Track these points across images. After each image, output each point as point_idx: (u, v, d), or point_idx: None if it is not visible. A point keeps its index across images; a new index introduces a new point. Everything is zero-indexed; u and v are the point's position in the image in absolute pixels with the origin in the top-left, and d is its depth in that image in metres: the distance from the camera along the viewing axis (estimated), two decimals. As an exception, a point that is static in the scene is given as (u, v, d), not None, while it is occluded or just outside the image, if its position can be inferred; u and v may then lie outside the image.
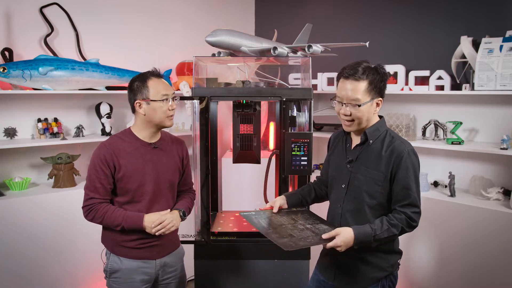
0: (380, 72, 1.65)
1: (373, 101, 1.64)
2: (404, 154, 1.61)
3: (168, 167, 1.93)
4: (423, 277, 2.77)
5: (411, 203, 1.61)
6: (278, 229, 1.70)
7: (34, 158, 2.91)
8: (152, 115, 1.84)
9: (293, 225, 1.73)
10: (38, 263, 2.60)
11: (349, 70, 1.64)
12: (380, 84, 1.64)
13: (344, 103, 1.65)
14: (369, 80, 1.62)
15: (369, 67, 1.64)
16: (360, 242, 1.57)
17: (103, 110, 3.08)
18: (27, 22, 2.85)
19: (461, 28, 2.91)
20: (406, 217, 1.60)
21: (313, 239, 1.61)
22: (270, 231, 1.68)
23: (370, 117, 1.67)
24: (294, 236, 1.63)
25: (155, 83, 1.84)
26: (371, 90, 1.63)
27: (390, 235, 1.58)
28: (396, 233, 1.59)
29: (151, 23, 3.48)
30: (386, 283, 1.71)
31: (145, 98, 1.83)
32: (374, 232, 1.57)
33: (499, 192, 2.61)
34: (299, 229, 1.69)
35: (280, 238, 1.61)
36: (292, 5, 3.95)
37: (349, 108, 1.64)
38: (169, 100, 1.86)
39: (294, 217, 1.80)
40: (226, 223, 2.56)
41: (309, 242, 1.59)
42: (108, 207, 1.80)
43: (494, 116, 2.79)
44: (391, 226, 1.58)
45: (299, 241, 1.58)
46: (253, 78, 3.21)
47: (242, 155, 2.45)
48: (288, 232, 1.66)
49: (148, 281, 1.90)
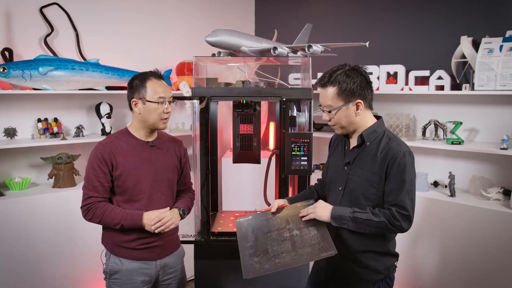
0: (350, 74, 1.63)
1: (348, 105, 1.64)
2: (399, 155, 1.59)
3: (165, 165, 1.94)
4: (423, 277, 2.77)
5: (398, 203, 1.58)
6: (260, 240, 1.70)
7: (34, 158, 2.91)
8: (147, 116, 1.85)
9: (280, 232, 1.71)
10: (38, 263, 2.61)
11: (321, 77, 1.68)
12: (352, 86, 1.62)
13: (323, 109, 1.70)
14: (338, 85, 1.63)
15: (338, 73, 1.64)
16: (337, 215, 1.62)
17: (103, 110, 3.08)
18: (27, 22, 2.85)
19: (461, 28, 2.91)
20: (390, 213, 1.57)
21: (284, 258, 1.59)
22: (248, 245, 1.69)
23: (352, 120, 1.66)
24: (268, 253, 1.62)
25: (153, 84, 1.84)
26: (341, 94, 1.63)
27: (368, 219, 1.57)
28: (375, 220, 1.56)
29: (151, 23, 3.48)
30: (382, 285, 1.71)
31: (141, 98, 1.83)
32: (353, 209, 1.60)
33: (499, 192, 2.61)
34: (281, 239, 1.67)
35: (250, 257, 1.62)
36: (292, 5, 3.95)
37: (325, 114, 1.69)
38: (165, 103, 1.85)
39: (290, 219, 1.77)
40: (226, 223, 2.56)
41: (274, 265, 1.58)
42: (107, 205, 1.80)
43: (494, 116, 2.79)
44: (373, 214, 1.58)
45: (265, 263, 1.59)
46: (253, 78, 3.21)
47: (242, 155, 2.45)
48: (265, 247, 1.65)
49: (148, 282, 1.90)
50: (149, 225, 1.79)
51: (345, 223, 1.61)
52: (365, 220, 1.58)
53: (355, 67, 1.66)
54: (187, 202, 2.02)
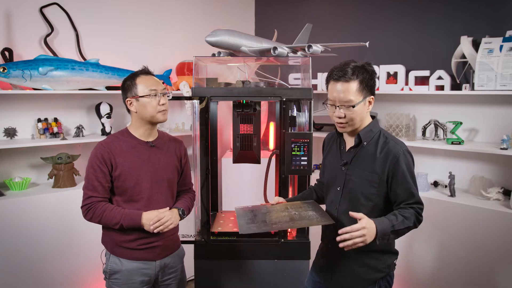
0: (369, 70, 1.64)
1: (365, 100, 1.63)
2: (400, 155, 1.60)
3: (165, 165, 1.94)
4: (423, 277, 2.77)
5: (417, 201, 1.61)
6: (257, 216, 1.73)
7: (34, 158, 2.91)
8: (143, 111, 1.86)
9: (278, 212, 1.74)
10: (38, 263, 2.60)
11: (338, 71, 1.61)
12: (370, 82, 1.63)
13: (338, 105, 1.63)
14: (360, 79, 1.61)
15: (357, 67, 1.62)
16: (382, 234, 1.49)
17: (103, 110, 3.08)
18: (27, 22, 2.85)
19: (461, 28, 2.91)
20: (415, 212, 1.59)
21: (283, 225, 1.61)
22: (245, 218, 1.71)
23: (363, 116, 1.66)
24: (266, 222, 1.64)
25: (142, 79, 1.87)
26: (363, 89, 1.61)
27: (405, 226, 1.54)
28: (411, 225, 1.55)
29: (151, 23, 3.48)
30: (383, 283, 1.71)
31: (134, 95, 1.85)
32: (391, 222, 1.52)
33: (499, 192, 2.61)
34: (279, 216, 1.69)
35: (248, 224, 1.63)
36: (292, 5, 3.95)
37: (343, 110, 1.62)
38: (158, 95, 1.86)
39: (289, 206, 1.81)
40: (226, 223, 2.56)
41: (270, 227, 1.60)
42: (106, 205, 1.81)
43: (494, 116, 2.79)
44: (405, 218, 1.55)
45: (263, 227, 1.61)
46: (253, 78, 3.21)
47: (242, 155, 2.45)
48: (264, 219, 1.67)
49: (148, 282, 1.90)
50: (148, 225, 1.79)
51: (386, 238, 1.53)
52: (404, 229, 1.56)
53: (369, 63, 1.66)
54: (187, 202, 2.01)
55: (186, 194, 2.07)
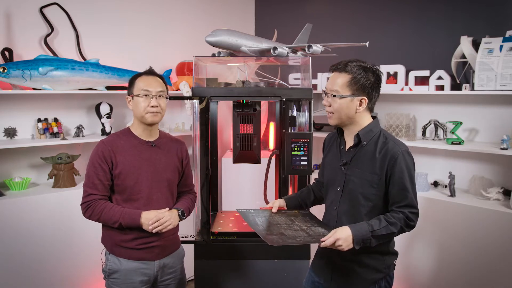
0: (368, 71, 1.64)
1: (353, 98, 1.63)
2: (399, 155, 1.60)
3: (166, 165, 1.93)
4: (423, 277, 2.77)
5: (409, 204, 1.60)
6: (271, 227, 1.70)
7: (34, 158, 2.91)
8: (135, 110, 1.89)
9: (289, 225, 1.72)
10: (38, 263, 2.60)
11: (339, 63, 1.67)
12: (365, 82, 1.63)
13: (327, 93, 1.68)
14: (352, 75, 1.62)
15: (358, 65, 1.64)
16: (359, 240, 1.54)
17: (103, 110, 3.08)
18: (27, 22, 2.85)
19: (461, 28, 2.91)
20: (404, 217, 1.59)
21: (304, 239, 1.60)
22: (261, 228, 1.68)
23: (351, 115, 1.66)
24: (285, 234, 1.62)
25: (142, 79, 1.89)
26: (353, 85, 1.62)
27: (388, 232, 1.56)
28: (395, 231, 1.57)
29: (151, 23, 3.48)
30: (382, 284, 1.70)
31: (131, 94, 1.90)
32: (371, 227, 1.55)
33: (499, 192, 2.61)
34: (293, 229, 1.67)
35: (270, 235, 1.60)
36: (292, 5, 3.95)
37: (329, 99, 1.66)
38: (150, 96, 1.86)
39: (293, 218, 1.80)
40: (226, 223, 2.56)
41: (298, 240, 1.58)
42: (106, 203, 1.81)
43: (494, 116, 2.79)
44: (390, 224, 1.56)
45: (288, 239, 1.58)
46: (253, 78, 3.21)
47: (242, 155, 2.46)
48: (280, 231, 1.65)
49: (147, 282, 1.90)
50: (146, 225, 1.79)
51: (367, 242, 1.56)
52: (385, 235, 1.57)
53: (373, 66, 1.67)
54: (187, 203, 2.01)
55: (187, 195, 2.07)
